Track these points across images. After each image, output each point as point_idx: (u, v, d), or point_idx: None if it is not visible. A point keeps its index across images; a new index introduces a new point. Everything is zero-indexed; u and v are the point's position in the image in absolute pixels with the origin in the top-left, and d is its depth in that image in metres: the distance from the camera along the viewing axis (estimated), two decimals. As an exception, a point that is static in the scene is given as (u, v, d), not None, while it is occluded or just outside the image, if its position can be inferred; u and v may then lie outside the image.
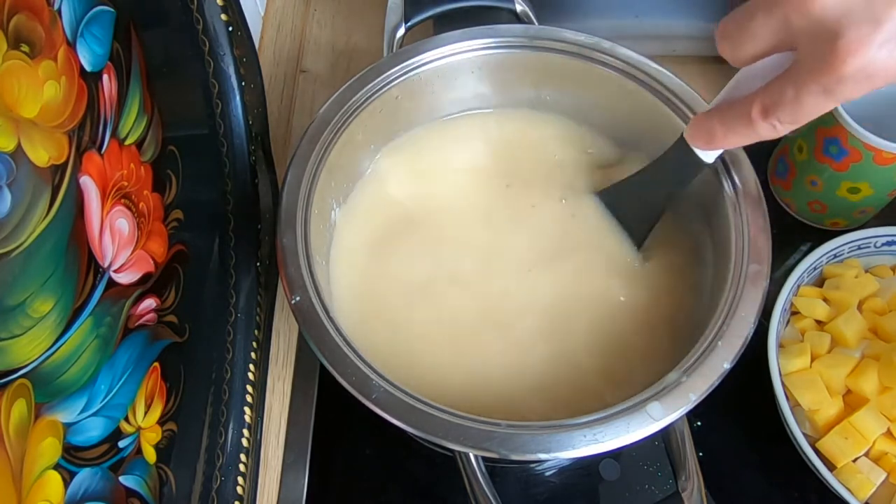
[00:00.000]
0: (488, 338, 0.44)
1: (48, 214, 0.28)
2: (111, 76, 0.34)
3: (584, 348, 0.44)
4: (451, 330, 0.44)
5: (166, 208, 0.39)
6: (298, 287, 0.39)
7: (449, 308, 0.45)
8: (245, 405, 0.45)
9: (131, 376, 0.35)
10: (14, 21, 0.26)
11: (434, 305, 0.45)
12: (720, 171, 0.42)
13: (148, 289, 0.37)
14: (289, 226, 0.41)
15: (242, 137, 0.46)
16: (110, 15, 0.34)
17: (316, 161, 0.44)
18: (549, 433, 0.35)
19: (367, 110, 0.46)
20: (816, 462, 0.44)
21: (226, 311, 0.45)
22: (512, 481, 0.49)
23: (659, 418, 0.35)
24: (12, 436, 0.26)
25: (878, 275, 0.51)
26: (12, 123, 0.26)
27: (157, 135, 0.38)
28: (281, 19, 0.67)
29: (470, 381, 0.43)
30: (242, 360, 0.45)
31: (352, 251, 0.47)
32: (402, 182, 0.50)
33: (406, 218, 0.49)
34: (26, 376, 0.27)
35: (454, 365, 0.43)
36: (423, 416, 0.35)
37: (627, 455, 0.49)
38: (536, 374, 0.43)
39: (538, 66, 0.49)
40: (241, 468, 0.43)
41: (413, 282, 0.46)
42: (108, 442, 0.33)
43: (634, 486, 0.48)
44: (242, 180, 0.47)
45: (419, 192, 0.50)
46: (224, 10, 0.43)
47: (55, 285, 0.29)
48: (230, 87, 0.45)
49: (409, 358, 0.44)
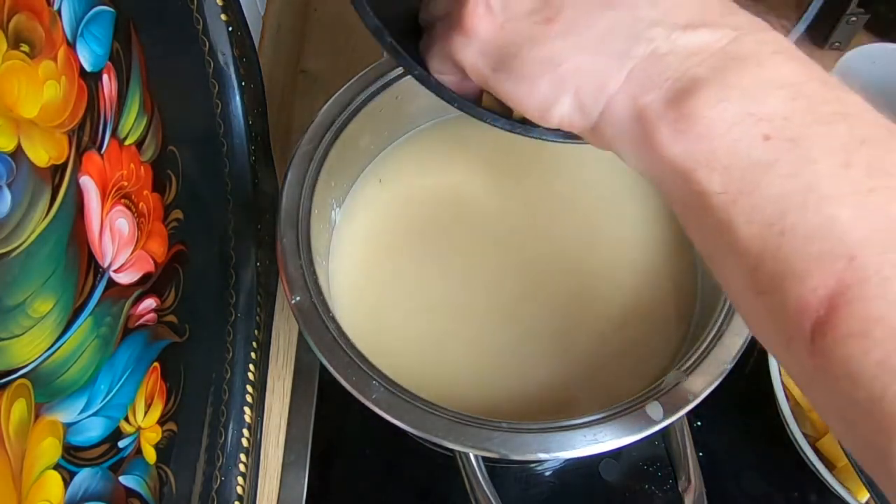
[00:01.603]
0: (490, 337, 0.44)
1: (48, 214, 0.28)
2: (111, 76, 0.34)
3: (587, 347, 0.44)
4: (452, 329, 0.44)
5: (166, 208, 0.39)
6: (298, 287, 0.39)
7: (450, 307, 0.45)
8: (245, 405, 0.45)
9: (131, 376, 0.35)
10: (14, 21, 0.26)
11: (434, 305, 0.45)
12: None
13: (148, 289, 0.37)
14: (289, 226, 0.41)
15: (242, 137, 0.46)
16: (110, 15, 0.34)
17: (316, 161, 0.44)
18: (549, 433, 0.35)
19: (367, 110, 0.46)
20: (816, 462, 0.44)
21: (226, 311, 0.45)
22: (512, 481, 0.49)
23: (659, 418, 0.35)
24: (12, 436, 0.26)
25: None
26: (12, 123, 0.26)
27: (157, 135, 0.38)
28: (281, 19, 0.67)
29: (471, 381, 0.43)
30: (242, 360, 0.45)
31: (352, 251, 0.47)
32: (403, 182, 0.50)
33: (406, 218, 0.49)
34: (26, 376, 0.27)
35: (455, 364, 0.43)
36: (423, 416, 0.35)
37: (627, 455, 0.49)
38: (540, 373, 0.43)
39: (538, 66, 0.49)
40: (241, 468, 0.43)
41: (414, 281, 0.46)
42: (108, 442, 0.33)
43: (634, 486, 0.48)
44: (242, 180, 0.47)
45: (419, 193, 0.50)
46: (224, 10, 0.43)
47: (55, 285, 0.29)
48: (230, 87, 0.45)
49: (410, 357, 0.44)
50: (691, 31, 0.25)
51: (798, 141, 0.23)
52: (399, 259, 0.47)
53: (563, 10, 0.26)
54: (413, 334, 0.44)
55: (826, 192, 0.22)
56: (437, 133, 0.52)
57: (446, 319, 0.45)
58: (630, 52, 0.25)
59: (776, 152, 0.23)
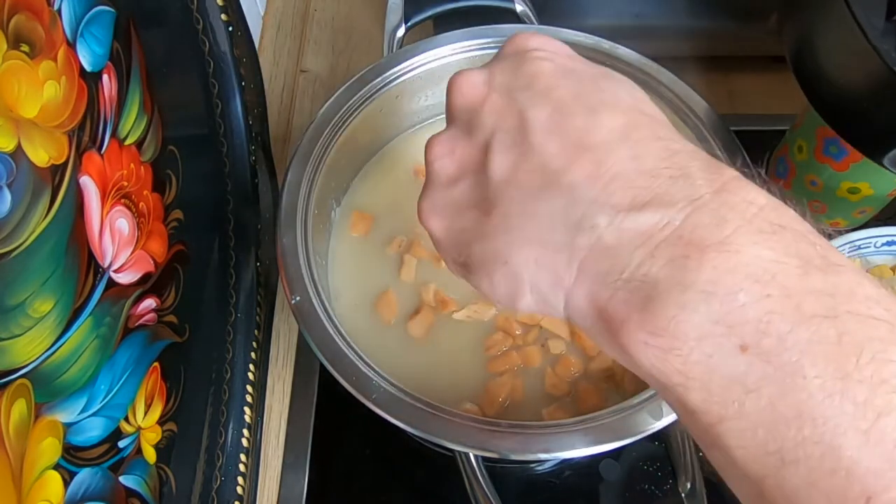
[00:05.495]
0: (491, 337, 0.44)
1: (48, 214, 0.28)
2: (111, 76, 0.34)
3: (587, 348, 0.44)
4: (453, 329, 0.44)
5: (166, 208, 0.39)
6: (298, 287, 0.39)
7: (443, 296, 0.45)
8: (245, 405, 0.45)
9: (131, 376, 0.35)
10: (14, 21, 0.26)
11: (434, 304, 0.45)
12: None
13: (148, 289, 0.37)
14: (289, 226, 0.41)
15: (242, 137, 0.46)
16: (110, 15, 0.34)
17: (316, 161, 0.44)
18: (549, 433, 0.35)
19: (367, 110, 0.46)
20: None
21: (226, 311, 0.45)
22: (512, 481, 0.49)
23: (659, 418, 0.35)
24: (12, 436, 0.26)
25: (879, 275, 0.51)
26: (12, 123, 0.26)
27: (157, 135, 0.38)
28: (281, 19, 0.67)
29: (471, 381, 0.43)
30: (242, 360, 0.45)
31: (352, 251, 0.47)
32: (402, 182, 0.50)
33: (406, 218, 0.49)
34: (26, 376, 0.27)
35: (454, 364, 0.43)
36: (423, 416, 0.35)
37: (627, 455, 0.49)
38: (543, 372, 0.43)
39: (538, 66, 0.49)
40: (241, 468, 0.43)
41: (414, 281, 0.46)
42: (108, 442, 0.33)
43: (634, 486, 0.48)
44: (242, 180, 0.47)
45: (419, 192, 0.50)
46: (224, 10, 0.43)
47: (55, 285, 0.29)
48: (230, 87, 0.45)
49: (410, 358, 0.44)
50: (636, 213, 0.22)
51: (780, 352, 0.19)
52: (399, 259, 0.47)
53: (498, 202, 0.24)
54: (413, 334, 0.44)
55: (824, 415, 0.18)
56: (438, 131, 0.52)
57: (447, 319, 0.45)
58: (574, 244, 0.22)
59: (757, 366, 0.19)
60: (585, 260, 0.22)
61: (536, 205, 0.23)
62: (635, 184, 0.22)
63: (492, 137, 0.25)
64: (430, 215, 0.27)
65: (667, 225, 0.21)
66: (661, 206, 0.21)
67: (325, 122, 0.45)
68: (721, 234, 0.20)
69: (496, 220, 0.24)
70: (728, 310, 0.20)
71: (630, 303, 0.21)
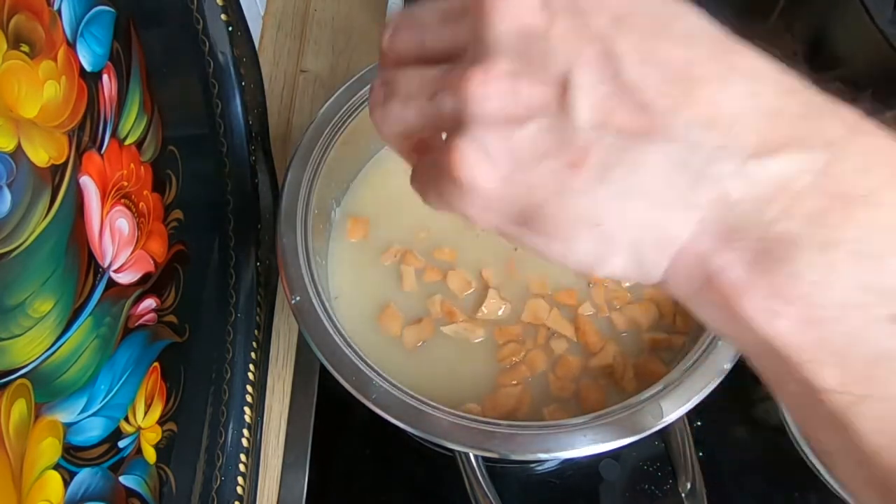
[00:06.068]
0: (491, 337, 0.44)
1: (48, 214, 0.28)
2: (111, 76, 0.34)
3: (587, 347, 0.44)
4: (452, 329, 0.44)
5: (166, 208, 0.39)
6: (298, 287, 0.39)
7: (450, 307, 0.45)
8: (245, 405, 0.45)
9: (131, 376, 0.35)
10: (14, 21, 0.26)
11: (434, 304, 0.45)
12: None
13: (148, 289, 0.37)
14: (289, 226, 0.41)
15: (242, 137, 0.46)
16: (110, 15, 0.34)
17: (316, 161, 0.44)
18: (549, 433, 0.35)
19: (367, 110, 0.46)
20: (816, 462, 0.44)
21: (226, 311, 0.45)
22: (512, 481, 0.49)
23: (659, 418, 0.35)
24: (12, 436, 0.26)
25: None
26: (12, 123, 0.26)
27: (157, 135, 0.38)
28: (281, 19, 0.67)
29: (470, 381, 0.43)
30: (242, 360, 0.45)
31: (352, 251, 0.47)
32: (402, 182, 0.50)
33: (406, 218, 0.49)
34: (26, 376, 0.27)
35: (454, 364, 0.43)
36: (423, 416, 0.35)
37: (627, 455, 0.49)
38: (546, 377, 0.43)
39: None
40: (241, 468, 0.43)
41: (414, 281, 0.46)
42: (108, 442, 0.33)
43: (634, 486, 0.48)
44: (242, 180, 0.47)
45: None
46: (224, 10, 0.43)
47: (55, 285, 0.29)
48: (230, 87, 0.45)
49: (410, 358, 0.44)
50: (767, 158, 0.18)
51: None
52: (399, 259, 0.47)
53: (590, 151, 0.20)
54: (413, 334, 0.44)
55: None
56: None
57: (447, 318, 0.45)
58: (691, 198, 0.19)
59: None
60: (706, 217, 0.19)
61: (643, 152, 0.19)
62: (760, 125, 0.19)
63: (569, 72, 0.20)
64: (475, 166, 0.21)
65: (803, 174, 0.18)
66: (797, 151, 0.18)
67: (325, 122, 0.45)
68: (867, 185, 0.18)
69: (587, 174, 0.20)
70: (880, 273, 0.17)
71: (757, 266, 0.18)
